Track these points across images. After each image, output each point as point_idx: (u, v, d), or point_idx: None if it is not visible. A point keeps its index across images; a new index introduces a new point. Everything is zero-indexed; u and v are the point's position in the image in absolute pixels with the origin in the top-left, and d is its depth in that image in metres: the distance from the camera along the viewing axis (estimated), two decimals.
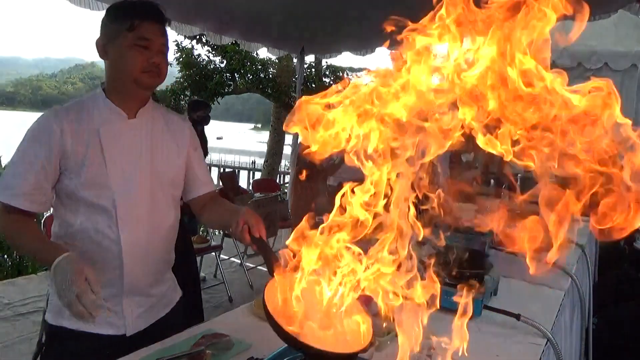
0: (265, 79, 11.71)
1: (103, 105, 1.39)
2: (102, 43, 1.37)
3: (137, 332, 1.45)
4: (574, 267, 2.44)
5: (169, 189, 1.50)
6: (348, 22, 4.69)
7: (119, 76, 1.38)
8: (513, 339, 1.51)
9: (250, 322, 1.54)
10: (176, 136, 1.53)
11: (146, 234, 1.42)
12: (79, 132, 1.34)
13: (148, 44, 1.34)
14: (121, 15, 1.33)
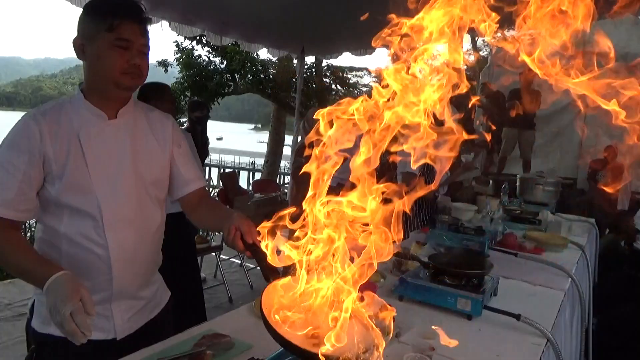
0: (265, 79, 11.71)
1: (82, 106, 1.35)
2: (80, 42, 1.31)
3: (128, 335, 1.42)
4: (573, 267, 2.44)
5: (154, 189, 1.46)
6: (348, 22, 4.70)
7: (98, 78, 1.33)
8: (513, 339, 1.52)
9: (250, 323, 1.55)
10: (159, 134, 1.48)
11: (133, 236, 1.39)
12: (59, 135, 1.29)
13: (128, 45, 1.29)
14: (99, 15, 1.27)
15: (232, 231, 1.28)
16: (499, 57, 6.82)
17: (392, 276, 2.05)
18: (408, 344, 1.40)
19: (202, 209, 1.57)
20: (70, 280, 1.14)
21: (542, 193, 3.96)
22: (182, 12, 4.23)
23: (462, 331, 1.56)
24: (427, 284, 1.75)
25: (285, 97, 11.61)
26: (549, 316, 1.74)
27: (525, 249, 2.63)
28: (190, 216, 1.60)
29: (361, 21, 4.60)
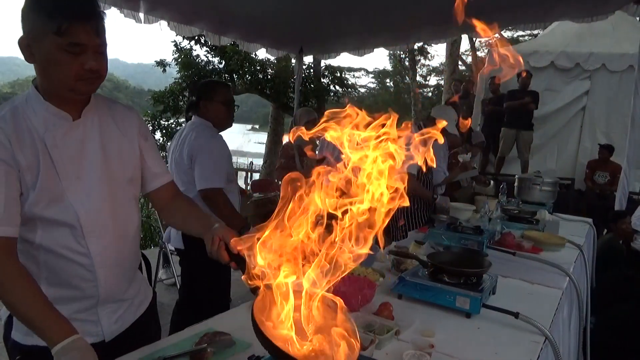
0: (263, 79, 11.70)
1: (42, 108, 1.22)
2: (26, 43, 1.15)
3: (116, 335, 1.40)
4: (571, 266, 2.46)
5: (129, 188, 1.39)
6: (346, 22, 4.71)
7: (49, 82, 1.20)
8: (512, 337, 1.53)
9: (250, 321, 1.55)
10: (126, 129, 1.38)
11: (115, 240, 1.33)
12: (23, 142, 1.17)
13: (81, 50, 1.14)
14: (45, 14, 1.11)
15: (215, 242, 1.21)
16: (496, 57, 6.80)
17: (391, 275, 2.06)
18: (407, 342, 1.41)
19: (176, 208, 1.50)
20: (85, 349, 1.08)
21: (540, 193, 3.98)
22: (180, 11, 4.23)
23: (461, 329, 1.57)
24: (426, 282, 1.76)
25: (283, 97, 11.61)
26: (547, 314, 1.75)
27: (523, 249, 2.64)
28: (161, 213, 1.53)
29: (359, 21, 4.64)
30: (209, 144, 2.62)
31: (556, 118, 7.44)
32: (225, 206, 2.60)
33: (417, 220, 3.76)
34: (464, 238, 2.56)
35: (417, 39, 5.02)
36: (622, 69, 6.91)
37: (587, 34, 7.34)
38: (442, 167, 4.15)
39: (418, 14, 4.35)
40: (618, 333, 3.13)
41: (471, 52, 21.12)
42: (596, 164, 6.86)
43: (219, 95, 2.69)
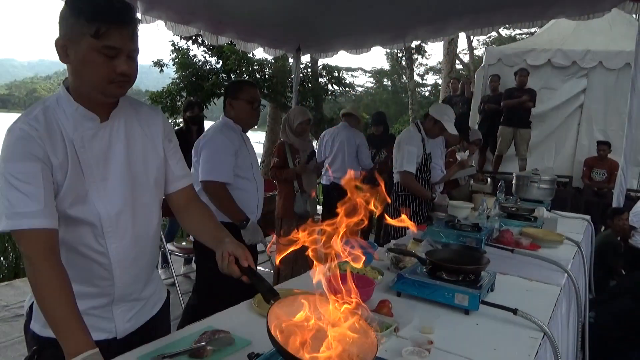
0: (261, 79, 11.70)
1: (72, 109, 1.25)
2: (62, 44, 1.19)
3: (129, 334, 1.42)
4: (569, 263, 2.46)
5: (152, 190, 1.41)
6: (344, 21, 4.72)
7: (81, 83, 1.23)
8: (510, 333, 1.53)
9: (250, 319, 1.56)
10: (150, 131, 1.40)
11: (134, 241, 1.36)
12: (54, 142, 1.21)
13: (116, 53, 1.18)
14: (84, 17, 1.14)
15: (226, 257, 1.25)
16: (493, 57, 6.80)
17: (390, 273, 2.06)
18: (407, 339, 1.41)
19: (192, 213, 1.52)
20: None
21: (538, 191, 3.99)
22: (178, 11, 4.22)
23: (460, 326, 1.58)
24: (424, 279, 1.76)
25: (281, 97, 11.61)
26: (546, 311, 1.76)
27: (522, 246, 2.65)
28: (177, 216, 1.55)
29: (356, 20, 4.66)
30: (215, 137, 2.69)
31: (554, 116, 7.45)
32: (223, 200, 2.63)
33: (415, 218, 3.77)
34: (463, 235, 2.56)
35: (414, 37, 5.02)
36: (619, 66, 6.92)
37: (584, 31, 7.35)
38: (439, 165, 4.16)
39: (415, 12, 4.36)
40: (618, 325, 3.14)
41: (468, 51, 21.15)
42: (594, 161, 6.88)
43: (244, 94, 2.74)
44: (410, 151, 3.63)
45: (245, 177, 2.74)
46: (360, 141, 5.35)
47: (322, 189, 5.46)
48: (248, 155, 2.79)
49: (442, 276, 1.78)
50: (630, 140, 3.85)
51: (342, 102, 17.72)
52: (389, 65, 30.80)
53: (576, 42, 7.35)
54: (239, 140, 2.75)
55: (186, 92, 11.44)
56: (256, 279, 1.22)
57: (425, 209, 3.78)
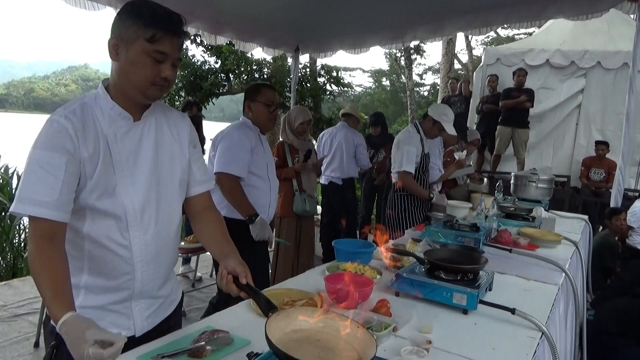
0: (260, 79, 11.70)
1: (108, 107, 1.34)
2: (115, 43, 1.29)
3: (148, 332, 1.45)
4: (567, 263, 2.47)
5: (176, 190, 1.48)
6: (342, 21, 4.72)
7: (125, 82, 1.32)
8: (508, 332, 1.54)
9: (248, 319, 1.56)
10: (178, 134, 1.49)
11: (156, 237, 1.41)
12: (88, 136, 1.28)
13: (164, 58, 1.28)
14: (142, 22, 1.25)
15: (224, 276, 1.31)
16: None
17: (388, 273, 2.07)
18: (405, 338, 1.42)
19: (205, 221, 1.57)
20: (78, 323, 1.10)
21: (536, 190, 4.00)
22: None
23: (458, 325, 1.58)
24: (423, 279, 1.77)
25: (280, 96, 11.61)
26: (544, 310, 1.76)
27: (520, 245, 2.65)
28: (191, 221, 1.61)
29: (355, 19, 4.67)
30: (232, 133, 2.76)
31: (552, 116, 7.47)
32: (234, 193, 2.69)
33: (413, 218, 3.77)
34: (461, 235, 2.57)
35: (413, 37, 5.02)
36: (616, 66, 6.94)
37: (582, 32, 7.36)
38: (437, 164, 4.16)
39: (413, 12, 4.36)
40: (613, 321, 3.15)
41: (467, 51, 21.16)
42: (591, 161, 6.90)
43: (262, 97, 2.81)
44: (409, 151, 3.64)
45: (259, 175, 2.80)
46: (359, 141, 5.35)
47: (321, 189, 5.47)
48: (264, 154, 2.85)
49: (440, 276, 1.78)
50: (628, 140, 3.85)
51: (340, 102, 17.72)
52: (387, 65, 30.81)
53: (574, 42, 7.36)
54: (255, 139, 2.81)
55: (185, 91, 11.44)
56: (254, 294, 1.27)
57: (424, 209, 3.79)
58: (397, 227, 3.79)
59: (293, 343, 1.10)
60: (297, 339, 1.12)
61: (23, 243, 5.25)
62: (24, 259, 5.02)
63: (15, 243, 5.14)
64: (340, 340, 1.12)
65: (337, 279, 1.79)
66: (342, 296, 1.66)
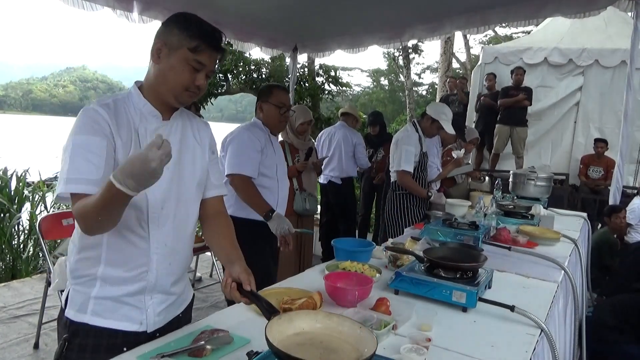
0: (258, 79, 11.70)
1: (140, 105, 1.43)
2: (159, 47, 1.39)
3: (156, 329, 1.47)
4: (566, 260, 2.47)
5: (195, 190, 1.54)
6: (340, 20, 4.72)
7: (162, 84, 1.41)
8: (508, 330, 1.54)
9: (248, 318, 1.56)
10: (200, 139, 1.58)
11: (172, 233, 1.46)
12: (121, 128, 1.36)
13: (201, 68, 1.39)
14: (189, 33, 1.37)
15: (228, 283, 1.36)
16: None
17: (387, 271, 2.07)
18: (405, 336, 1.42)
19: (215, 225, 1.63)
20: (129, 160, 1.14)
21: (535, 188, 4.00)
22: (174, 11, 4.18)
23: (458, 323, 1.59)
24: (422, 277, 1.77)
25: None
26: (543, 307, 1.77)
27: (519, 243, 2.66)
28: (202, 224, 1.66)
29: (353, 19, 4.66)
30: (242, 134, 2.76)
31: (550, 114, 7.47)
32: (248, 193, 2.69)
33: (412, 216, 3.77)
34: (460, 233, 2.57)
35: (411, 36, 5.02)
36: (614, 64, 6.95)
37: (580, 30, 7.37)
38: (435, 163, 4.16)
39: (411, 11, 4.36)
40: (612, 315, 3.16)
41: (465, 50, 21.16)
42: (590, 159, 6.91)
43: (273, 98, 2.79)
44: (408, 150, 3.64)
45: (268, 175, 2.80)
46: (358, 140, 5.35)
47: (320, 188, 5.47)
48: (274, 155, 2.84)
49: (439, 274, 1.79)
50: (626, 138, 3.86)
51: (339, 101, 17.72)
52: (386, 65, 30.81)
53: (572, 40, 7.37)
54: (265, 139, 2.80)
55: None
56: (257, 300, 1.30)
57: (423, 208, 3.79)
58: (396, 226, 3.80)
59: (295, 346, 1.11)
60: (299, 341, 1.14)
61: (22, 245, 5.25)
62: (23, 260, 5.01)
63: (14, 245, 5.13)
64: (342, 341, 1.13)
65: (337, 277, 1.80)
66: (342, 295, 1.67)
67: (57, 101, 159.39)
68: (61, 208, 5.25)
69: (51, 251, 3.23)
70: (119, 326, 1.40)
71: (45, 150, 15.04)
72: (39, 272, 4.92)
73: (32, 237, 5.21)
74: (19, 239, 5.27)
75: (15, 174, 5.81)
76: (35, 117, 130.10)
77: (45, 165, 7.68)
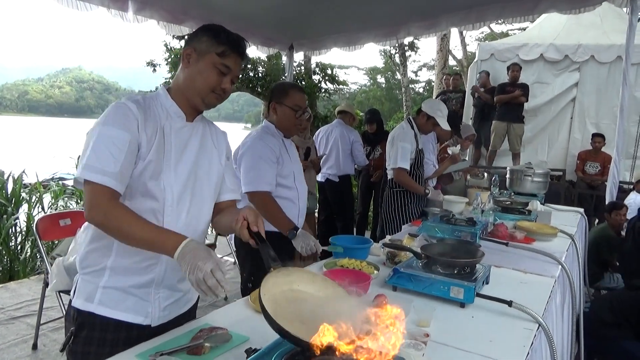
0: (255, 77, 11.68)
1: (167, 104, 1.51)
2: (188, 53, 1.49)
3: (160, 324, 1.50)
4: (563, 255, 2.48)
5: (209, 191, 1.60)
6: (336, 18, 4.72)
7: (190, 87, 1.50)
8: (505, 325, 1.55)
9: (246, 316, 1.57)
10: (218, 144, 1.66)
11: (185, 228, 1.48)
12: (149, 122, 1.43)
13: (227, 72, 1.49)
14: (218, 40, 1.47)
15: (239, 220, 1.39)
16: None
17: (385, 268, 2.07)
18: (403, 332, 1.42)
19: (224, 213, 1.66)
20: (201, 245, 1.29)
21: (532, 184, 4.01)
22: (170, 11, 4.21)
23: (456, 318, 1.59)
24: (420, 273, 1.77)
25: None
26: (540, 302, 1.77)
27: (516, 239, 2.67)
28: (213, 220, 1.69)
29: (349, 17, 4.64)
30: (254, 145, 2.54)
31: (546, 110, 7.49)
32: (269, 209, 2.46)
33: (410, 214, 3.78)
34: (457, 230, 2.58)
35: (407, 33, 5.02)
36: (610, 60, 6.96)
37: (576, 26, 7.38)
38: (431, 160, 4.17)
39: (407, 8, 4.36)
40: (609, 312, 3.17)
41: (461, 47, 21.18)
42: (587, 154, 6.92)
43: (290, 100, 2.55)
44: (404, 148, 3.64)
45: (286, 185, 2.60)
46: (355, 138, 5.36)
47: (317, 186, 5.47)
48: (290, 162, 2.62)
49: (437, 270, 1.79)
50: (622, 133, 3.87)
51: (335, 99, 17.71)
52: (382, 63, 30.80)
53: (568, 36, 7.38)
54: (279, 146, 2.57)
55: None
56: (262, 245, 1.31)
57: (420, 205, 3.80)
58: (393, 223, 3.80)
59: (284, 300, 1.12)
60: (291, 298, 1.15)
61: (19, 246, 5.23)
62: (21, 262, 5.00)
63: (11, 246, 5.11)
64: (331, 308, 1.08)
65: (335, 274, 1.80)
66: None
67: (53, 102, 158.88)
68: (58, 209, 5.24)
69: (49, 252, 3.22)
70: (125, 317, 1.43)
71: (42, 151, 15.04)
72: (37, 274, 4.91)
73: (30, 238, 5.20)
74: (16, 240, 5.26)
75: (12, 176, 5.80)
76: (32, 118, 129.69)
77: (42, 167, 7.66)
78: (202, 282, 1.20)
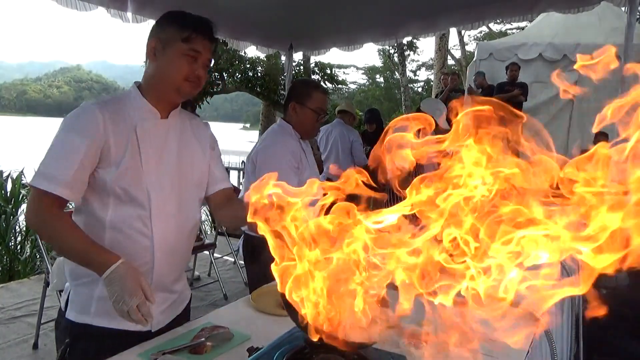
0: (253, 77, 11.70)
1: (139, 104, 1.45)
2: (153, 46, 1.44)
3: (160, 328, 1.47)
4: None
5: (195, 189, 1.56)
6: (335, 18, 4.72)
7: (162, 80, 1.44)
8: (505, 324, 1.55)
9: (248, 315, 1.57)
10: (200, 138, 1.60)
11: (175, 230, 1.47)
12: (118, 126, 1.38)
13: (197, 56, 1.42)
14: (180, 25, 1.42)
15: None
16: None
17: None
18: (404, 330, 1.42)
19: (227, 206, 1.65)
20: (131, 271, 1.24)
21: None
22: (168, 10, 4.22)
23: (456, 317, 1.59)
24: None
25: (274, 95, 11.61)
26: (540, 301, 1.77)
27: None
28: (214, 213, 1.70)
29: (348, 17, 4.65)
30: (274, 151, 2.39)
31: (545, 110, 7.50)
32: None
33: None
34: None
35: (406, 33, 5.03)
36: None
37: (574, 25, 7.40)
38: None
39: (406, 8, 4.37)
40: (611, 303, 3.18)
41: (460, 46, 21.20)
42: None
43: (313, 102, 2.38)
44: None
45: None
46: (354, 137, 5.37)
47: None
48: (308, 166, 2.47)
49: None
50: None
51: (335, 99, 17.74)
52: (381, 62, 30.83)
53: (566, 35, 7.40)
54: (299, 150, 2.42)
55: None
56: None
57: None
58: None
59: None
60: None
61: (19, 246, 5.24)
62: (21, 262, 5.00)
63: (11, 246, 5.12)
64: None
65: None
66: None
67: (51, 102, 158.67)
68: None
69: (49, 252, 3.22)
70: (124, 326, 1.35)
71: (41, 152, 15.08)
72: (37, 273, 4.91)
73: (30, 238, 5.20)
74: (15, 240, 5.26)
75: (11, 176, 5.81)
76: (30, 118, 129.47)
77: None
78: (126, 316, 1.19)
